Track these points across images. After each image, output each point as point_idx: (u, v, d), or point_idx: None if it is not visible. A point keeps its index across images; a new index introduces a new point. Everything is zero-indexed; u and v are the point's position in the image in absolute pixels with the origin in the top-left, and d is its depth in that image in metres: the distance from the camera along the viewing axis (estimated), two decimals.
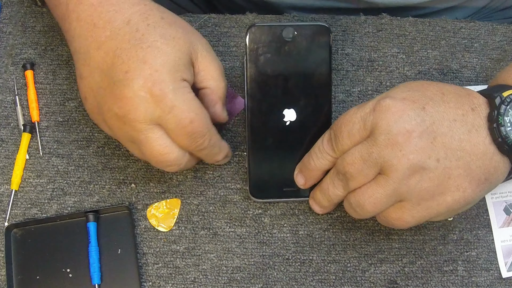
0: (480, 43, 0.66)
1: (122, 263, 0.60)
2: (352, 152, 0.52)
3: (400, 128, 0.50)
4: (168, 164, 0.53)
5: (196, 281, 0.60)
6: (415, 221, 0.52)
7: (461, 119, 0.51)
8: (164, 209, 0.61)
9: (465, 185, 0.51)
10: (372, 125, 0.51)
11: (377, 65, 0.65)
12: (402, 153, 0.50)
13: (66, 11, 0.54)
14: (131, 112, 0.50)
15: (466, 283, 0.60)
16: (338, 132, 0.53)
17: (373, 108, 0.51)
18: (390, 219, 0.53)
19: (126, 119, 0.51)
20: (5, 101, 0.64)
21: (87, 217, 0.60)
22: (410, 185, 0.50)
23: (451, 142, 0.51)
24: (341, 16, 0.66)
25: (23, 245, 0.60)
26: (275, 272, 0.60)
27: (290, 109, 0.57)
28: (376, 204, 0.52)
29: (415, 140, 0.50)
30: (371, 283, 0.60)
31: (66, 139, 0.63)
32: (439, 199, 0.51)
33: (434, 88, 0.53)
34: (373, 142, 0.50)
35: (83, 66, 0.53)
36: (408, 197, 0.51)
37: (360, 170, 0.51)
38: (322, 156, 0.55)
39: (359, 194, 0.52)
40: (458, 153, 0.51)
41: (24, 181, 0.62)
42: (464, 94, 0.53)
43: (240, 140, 0.63)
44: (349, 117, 0.52)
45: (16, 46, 0.66)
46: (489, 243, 0.61)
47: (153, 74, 0.50)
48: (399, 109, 0.50)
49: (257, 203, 0.61)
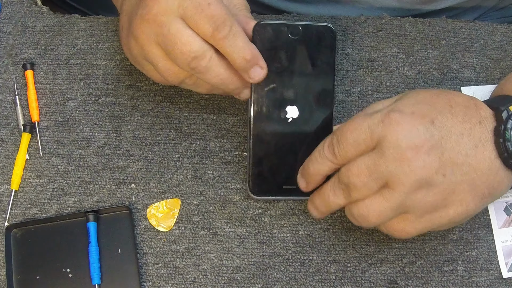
0: (480, 43, 0.66)
1: (122, 263, 0.60)
2: (358, 163, 0.51)
3: (409, 143, 0.49)
4: (194, 55, 0.51)
5: (196, 281, 0.60)
6: (416, 232, 0.53)
7: (468, 133, 0.51)
8: (164, 209, 0.61)
9: (469, 200, 0.51)
10: (380, 137, 0.50)
11: (377, 65, 0.65)
12: (410, 168, 0.49)
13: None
14: (154, 7, 0.51)
15: (466, 283, 0.60)
16: (342, 138, 0.52)
17: (381, 119, 0.51)
18: (392, 230, 0.53)
19: (150, 16, 0.51)
20: (5, 101, 0.64)
21: (87, 217, 0.60)
22: (415, 199, 0.50)
23: (458, 158, 0.51)
24: (341, 16, 0.67)
25: (23, 245, 0.60)
26: (275, 272, 0.60)
27: (293, 106, 0.57)
28: (381, 217, 0.51)
29: (423, 155, 0.50)
30: (371, 283, 0.60)
31: (66, 139, 0.63)
32: (441, 212, 0.52)
33: (443, 100, 0.53)
34: (381, 155, 0.50)
35: (122, 11, 0.56)
36: (412, 210, 0.51)
37: (365, 182, 0.51)
38: (322, 161, 0.54)
39: (363, 207, 0.52)
40: (464, 169, 0.51)
41: (24, 181, 0.62)
42: (472, 106, 0.53)
43: (240, 140, 0.63)
44: (356, 125, 0.51)
45: (16, 46, 0.66)
46: (489, 243, 0.61)
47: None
48: (408, 123, 0.50)
49: (257, 203, 0.61)
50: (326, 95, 0.58)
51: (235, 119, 0.64)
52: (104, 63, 0.65)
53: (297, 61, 0.57)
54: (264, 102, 0.57)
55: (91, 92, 0.65)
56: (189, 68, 0.52)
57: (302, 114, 0.57)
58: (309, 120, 0.58)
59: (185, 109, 0.64)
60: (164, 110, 0.64)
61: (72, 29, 0.66)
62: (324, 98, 0.58)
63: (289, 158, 0.58)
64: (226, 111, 0.64)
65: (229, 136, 0.63)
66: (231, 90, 0.55)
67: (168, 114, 0.64)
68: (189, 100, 0.64)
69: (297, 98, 0.57)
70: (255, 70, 0.54)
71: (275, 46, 0.56)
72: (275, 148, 0.58)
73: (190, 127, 0.63)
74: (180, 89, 0.64)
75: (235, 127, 0.63)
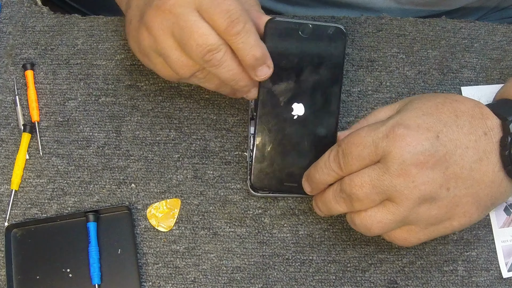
0: (480, 43, 0.66)
1: (122, 263, 0.60)
2: (362, 175, 0.51)
3: (413, 159, 0.49)
4: (210, 48, 0.51)
5: (196, 281, 0.60)
6: (420, 242, 0.53)
7: (473, 146, 0.51)
8: (164, 209, 0.61)
9: (472, 211, 0.52)
10: (385, 152, 0.50)
11: (377, 65, 0.65)
12: (414, 184, 0.49)
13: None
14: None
15: (466, 283, 0.60)
16: (347, 152, 0.52)
17: (386, 134, 0.50)
18: (395, 239, 0.53)
19: (166, 7, 0.51)
20: (5, 101, 0.64)
21: (87, 217, 0.60)
22: (419, 213, 0.51)
23: (462, 172, 0.51)
24: (341, 16, 0.67)
25: (23, 245, 0.60)
26: (275, 272, 0.60)
27: (299, 103, 0.58)
28: (384, 228, 0.52)
29: (428, 171, 0.50)
30: (371, 283, 0.60)
31: (66, 139, 0.63)
32: (446, 224, 0.52)
33: (448, 109, 0.52)
34: (385, 170, 0.50)
35: (131, 5, 0.56)
36: (416, 223, 0.51)
37: (367, 194, 0.51)
38: (327, 172, 0.54)
39: (366, 218, 0.52)
40: (468, 182, 0.51)
41: (24, 181, 0.62)
42: (478, 115, 0.53)
43: (240, 140, 0.63)
44: (361, 139, 0.51)
45: (16, 46, 0.66)
46: (489, 243, 0.61)
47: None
48: (414, 138, 0.50)
49: (257, 203, 0.61)
50: (333, 95, 0.58)
51: (235, 119, 0.64)
52: (104, 63, 0.65)
53: (306, 60, 0.57)
54: (271, 98, 0.57)
55: (91, 92, 0.65)
56: (203, 61, 0.52)
57: (308, 112, 0.58)
58: (314, 118, 0.58)
59: (185, 109, 0.64)
60: (164, 110, 0.64)
61: (72, 29, 0.67)
62: (331, 97, 0.58)
63: (292, 155, 0.58)
64: (226, 111, 0.64)
65: (229, 136, 0.63)
66: (241, 87, 0.55)
67: (168, 114, 0.64)
68: (189, 100, 0.64)
69: (304, 96, 0.57)
70: (262, 68, 0.54)
71: (285, 43, 0.56)
72: (278, 144, 0.58)
73: (190, 127, 0.63)
74: (180, 89, 0.64)
75: (235, 127, 0.63)
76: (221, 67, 0.52)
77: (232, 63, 0.53)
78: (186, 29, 0.51)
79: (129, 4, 0.56)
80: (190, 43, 0.51)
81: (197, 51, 0.51)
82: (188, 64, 0.53)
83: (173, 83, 0.64)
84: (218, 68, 0.52)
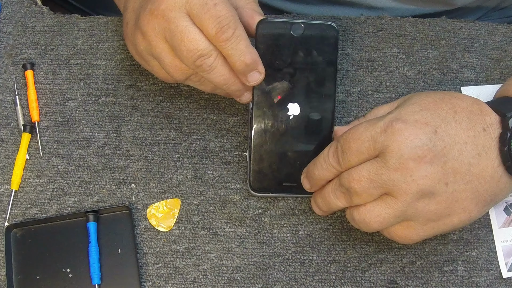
0: (480, 43, 0.66)
1: (122, 263, 0.60)
2: (360, 170, 0.51)
3: (411, 153, 0.49)
4: (200, 54, 0.51)
5: (196, 281, 0.60)
6: (420, 239, 0.53)
7: (472, 141, 0.51)
8: (164, 209, 0.61)
9: (472, 207, 0.52)
10: (383, 146, 0.50)
11: (377, 65, 0.65)
12: (412, 178, 0.50)
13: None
14: (163, 2, 0.51)
15: (466, 283, 0.60)
16: (346, 147, 0.52)
17: (384, 129, 0.51)
18: (395, 235, 0.53)
19: (158, 11, 0.51)
20: (5, 101, 0.64)
21: (87, 217, 0.60)
22: (418, 208, 0.51)
23: (461, 167, 0.51)
24: (341, 16, 0.67)
25: (23, 245, 0.60)
26: (275, 272, 0.60)
27: (294, 103, 0.57)
28: (383, 223, 0.52)
29: (426, 165, 0.50)
30: (371, 283, 0.60)
31: (66, 139, 0.63)
32: (445, 220, 0.52)
33: (447, 105, 0.53)
34: (383, 164, 0.50)
35: (128, 8, 0.56)
36: (415, 218, 0.51)
37: (366, 188, 0.51)
38: (326, 168, 0.54)
39: (365, 212, 0.52)
40: (467, 177, 0.51)
41: (24, 181, 0.62)
42: (477, 111, 0.53)
43: (240, 140, 0.63)
44: (359, 134, 0.52)
45: (16, 46, 0.66)
46: (489, 243, 0.61)
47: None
48: (411, 132, 0.50)
49: (257, 203, 0.61)
50: (328, 93, 0.58)
51: (235, 119, 0.64)
52: (104, 63, 0.65)
53: (299, 59, 0.57)
54: (266, 99, 0.57)
55: (91, 92, 0.65)
56: (194, 66, 0.52)
57: (303, 111, 0.58)
58: (310, 117, 0.58)
59: (185, 109, 0.64)
60: (164, 110, 0.64)
61: (72, 29, 0.67)
62: (326, 95, 0.58)
63: (290, 155, 0.58)
64: (226, 111, 0.64)
65: (229, 136, 0.63)
66: (233, 91, 0.55)
67: (168, 114, 0.64)
68: (189, 100, 0.64)
69: (299, 96, 0.57)
70: (253, 74, 0.54)
71: (278, 43, 0.56)
72: (276, 145, 0.58)
73: (190, 127, 0.63)
74: (180, 89, 0.64)
75: (235, 127, 0.63)
76: (212, 72, 0.53)
77: (223, 69, 0.53)
78: (177, 34, 0.51)
79: (126, 7, 0.57)
80: (181, 48, 0.51)
81: (188, 56, 0.51)
82: (182, 68, 0.53)
83: (173, 83, 0.64)
84: (209, 73, 0.53)
